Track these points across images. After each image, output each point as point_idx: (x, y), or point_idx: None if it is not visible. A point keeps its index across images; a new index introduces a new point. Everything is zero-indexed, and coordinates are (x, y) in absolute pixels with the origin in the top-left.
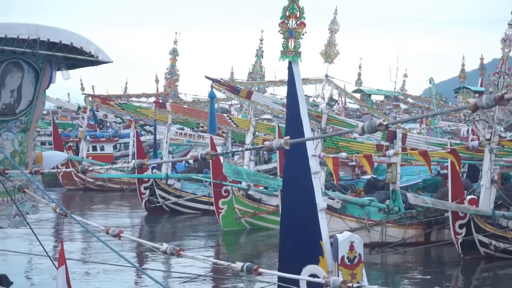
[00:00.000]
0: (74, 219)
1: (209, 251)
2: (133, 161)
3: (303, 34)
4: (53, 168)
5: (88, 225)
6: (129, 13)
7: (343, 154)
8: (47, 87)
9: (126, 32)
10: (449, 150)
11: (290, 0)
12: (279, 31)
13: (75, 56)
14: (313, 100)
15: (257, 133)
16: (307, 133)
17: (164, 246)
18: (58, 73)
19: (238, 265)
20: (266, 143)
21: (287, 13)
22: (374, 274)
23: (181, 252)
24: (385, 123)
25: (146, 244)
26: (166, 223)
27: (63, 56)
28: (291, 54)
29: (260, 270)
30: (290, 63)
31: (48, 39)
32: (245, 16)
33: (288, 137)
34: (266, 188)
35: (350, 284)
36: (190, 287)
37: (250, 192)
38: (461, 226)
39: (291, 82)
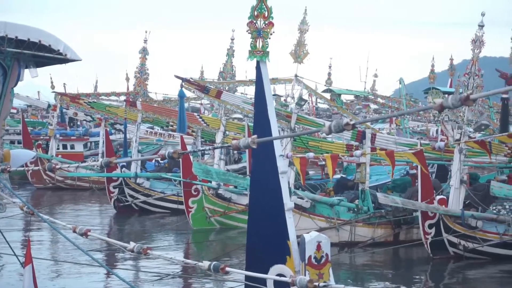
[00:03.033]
0: (41, 217)
1: (178, 250)
2: (101, 159)
3: (271, 34)
4: (21, 166)
5: (55, 224)
6: (99, 11)
7: (311, 154)
8: (15, 85)
9: (97, 30)
10: (413, 151)
11: (258, 0)
12: (247, 31)
13: (43, 54)
14: (284, 100)
15: (227, 132)
16: (275, 132)
17: (131, 245)
18: (26, 71)
19: (205, 264)
20: (234, 141)
21: (255, 13)
22: (343, 273)
23: (148, 251)
24: (352, 122)
25: (113, 243)
26: (135, 222)
27: (31, 54)
28: (259, 53)
29: (227, 269)
30: (258, 62)
31: (16, 37)
32: (216, 15)
33: (255, 136)
34: (236, 187)
35: (316, 283)
36: (160, 287)
37: (220, 191)
38: (430, 226)
39: (259, 82)
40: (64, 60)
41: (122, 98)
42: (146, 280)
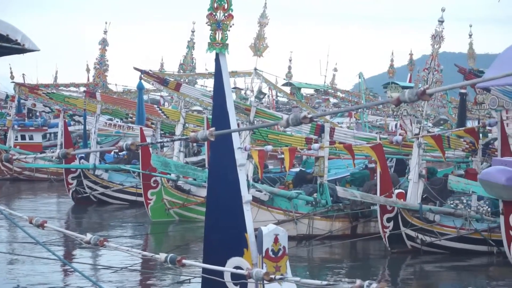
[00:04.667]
0: None
1: (137, 242)
2: (58, 150)
3: (230, 26)
4: None
5: (11, 215)
6: (60, 2)
7: (269, 147)
8: None
9: (57, 20)
10: (371, 145)
11: None
12: (206, 23)
13: (0, 44)
14: (245, 93)
15: (187, 124)
16: (233, 125)
17: (88, 236)
18: None
19: (162, 256)
20: (192, 134)
21: (215, 5)
22: (300, 266)
23: (105, 242)
24: (309, 115)
25: (70, 235)
26: (93, 213)
27: None
28: (218, 46)
29: (184, 261)
30: (217, 55)
31: None
32: (177, 7)
33: (213, 128)
34: (195, 179)
35: (272, 276)
36: (118, 278)
37: (179, 183)
38: (388, 220)
39: (218, 74)
40: (22, 50)
41: (82, 89)
42: (103, 272)
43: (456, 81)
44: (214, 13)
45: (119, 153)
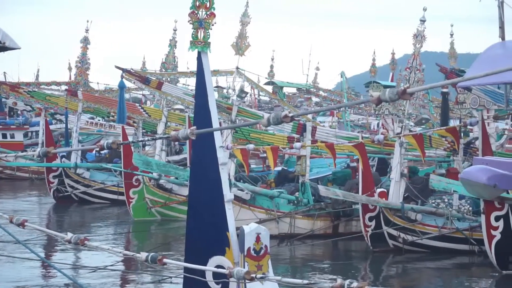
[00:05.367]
0: None
1: (118, 241)
2: (39, 149)
3: (213, 25)
4: None
5: None
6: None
7: (251, 146)
8: None
9: (40, 18)
10: (353, 144)
11: None
12: (189, 21)
13: None
14: (227, 92)
15: (169, 123)
16: (215, 124)
17: (69, 235)
18: None
19: (143, 255)
20: (173, 133)
21: (197, 3)
22: (282, 265)
23: (85, 241)
24: (290, 114)
25: (50, 234)
26: (75, 212)
27: None
28: (200, 44)
29: (165, 260)
30: (199, 53)
31: None
32: (159, 6)
33: (194, 127)
34: (177, 178)
35: (253, 275)
36: (98, 277)
37: (161, 182)
38: (370, 219)
39: (200, 73)
40: (3, 48)
41: (63, 87)
42: (84, 271)
43: (437, 81)
44: (196, 12)
45: (101, 152)
